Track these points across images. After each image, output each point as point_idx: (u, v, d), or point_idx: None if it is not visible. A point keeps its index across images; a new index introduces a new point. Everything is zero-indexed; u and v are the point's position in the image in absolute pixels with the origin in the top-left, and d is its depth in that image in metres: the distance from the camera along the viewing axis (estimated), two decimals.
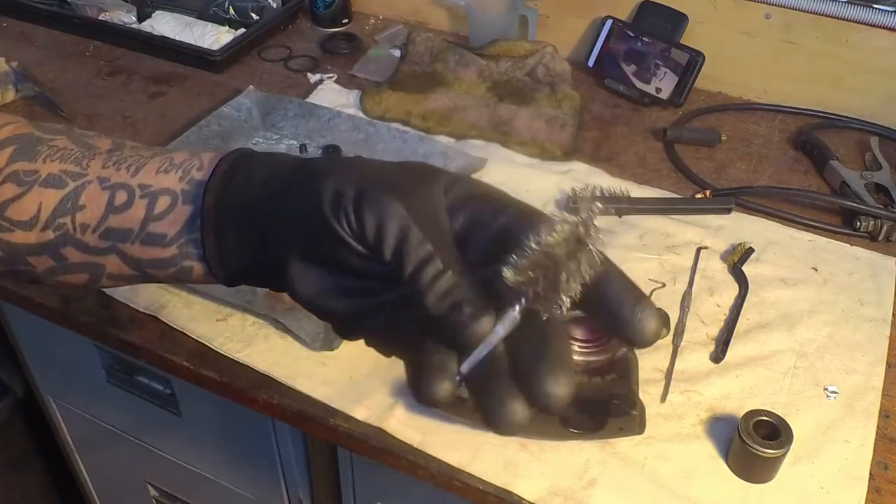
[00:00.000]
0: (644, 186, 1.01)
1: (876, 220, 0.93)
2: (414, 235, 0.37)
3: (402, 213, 0.37)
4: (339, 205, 0.38)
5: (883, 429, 0.73)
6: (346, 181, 0.39)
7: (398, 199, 0.38)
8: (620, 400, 0.66)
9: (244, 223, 0.43)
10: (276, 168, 0.44)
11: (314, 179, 0.40)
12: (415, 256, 0.37)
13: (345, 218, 0.38)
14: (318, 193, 0.39)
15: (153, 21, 1.34)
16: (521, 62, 1.20)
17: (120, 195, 0.45)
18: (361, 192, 0.38)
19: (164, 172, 0.46)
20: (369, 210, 0.38)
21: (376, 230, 0.38)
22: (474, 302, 0.37)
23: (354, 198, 0.38)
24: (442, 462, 0.70)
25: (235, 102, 1.10)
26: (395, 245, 0.37)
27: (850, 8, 1.08)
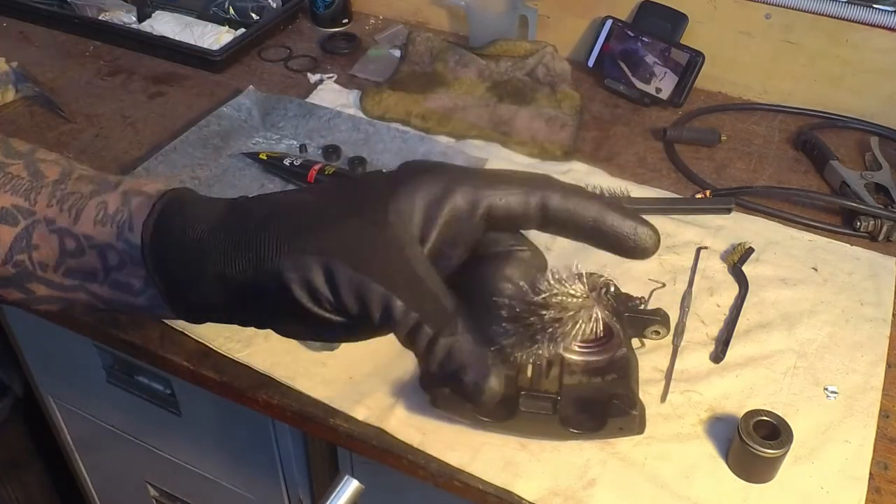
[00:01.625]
0: (644, 186, 1.01)
1: (876, 220, 0.93)
2: (397, 307, 0.36)
3: (379, 290, 0.36)
4: (314, 291, 0.37)
5: (883, 429, 0.73)
6: (305, 261, 0.37)
7: (368, 269, 0.37)
8: (620, 400, 0.66)
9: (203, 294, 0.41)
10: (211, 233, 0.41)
11: (268, 260, 0.38)
12: (403, 327, 0.37)
13: (325, 301, 0.37)
14: (284, 284, 0.38)
15: (153, 21, 1.34)
16: (521, 62, 1.20)
17: (68, 241, 0.44)
18: (330, 271, 0.37)
19: (102, 225, 0.44)
20: (343, 285, 0.37)
21: (358, 304, 0.37)
22: (476, 361, 0.37)
23: (326, 279, 0.37)
24: (442, 462, 0.70)
25: (235, 102, 1.10)
26: (381, 317, 0.37)
27: (850, 8, 1.08)
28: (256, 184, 0.99)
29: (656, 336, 0.75)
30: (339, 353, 0.78)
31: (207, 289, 0.41)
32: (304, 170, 0.97)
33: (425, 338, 0.36)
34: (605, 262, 0.91)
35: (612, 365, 0.71)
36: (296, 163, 0.98)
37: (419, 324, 0.36)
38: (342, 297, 0.37)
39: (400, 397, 0.74)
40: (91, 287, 0.44)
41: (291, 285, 0.38)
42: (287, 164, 0.98)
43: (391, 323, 0.36)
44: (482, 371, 0.36)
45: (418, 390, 0.73)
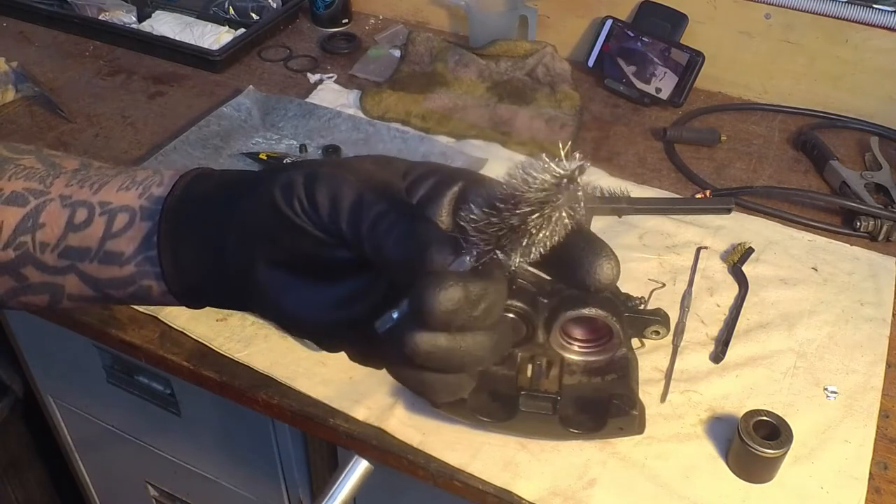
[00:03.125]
0: (644, 186, 1.01)
1: (876, 220, 0.93)
2: (367, 198, 0.36)
3: (353, 184, 0.37)
4: (291, 192, 0.37)
5: (883, 429, 0.73)
6: (296, 171, 0.38)
7: (349, 172, 0.37)
8: (620, 400, 0.66)
9: (200, 235, 0.41)
10: (230, 179, 0.43)
11: (265, 179, 0.39)
12: (368, 215, 0.36)
13: (298, 203, 0.37)
14: (270, 188, 0.38)
15: (153, 21, 1.34)
16: (521, 62, 1.20)
17: (80, 213, 0.44)
18: (311, 174, 0.38)
19: (125, 189, 0.44)
20: (320, 188, 0.37)
21: (330, 205, 0.37)
22: (437, 237, 0.35)
23: (304, 181, 0.37)
24: (442, 462, 0.70)
25: (235, 102, 1.10)
26: (350, 214, 0.36)
27: (850, 8, 1.08)
28: None
29: (656, 336, 0.75)
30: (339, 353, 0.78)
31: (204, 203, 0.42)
32: None
33: (387, 223, 0.35)
34: None
35: (612, 365, 0.71)
36: None
37: (387, 210, 0.35)
38: (315, 197, 0.37)
39: (400, 397, 0.74)
40: (81, 266, 0.44)
41: (273, 186, 0.38)
42: (287, 164, 0.98)
43: (360, 214, 0.36)
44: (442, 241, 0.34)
45: None
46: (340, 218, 0.36)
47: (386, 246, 0.35)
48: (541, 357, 0.72)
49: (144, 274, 0.43)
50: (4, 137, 1.09)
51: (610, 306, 0.69)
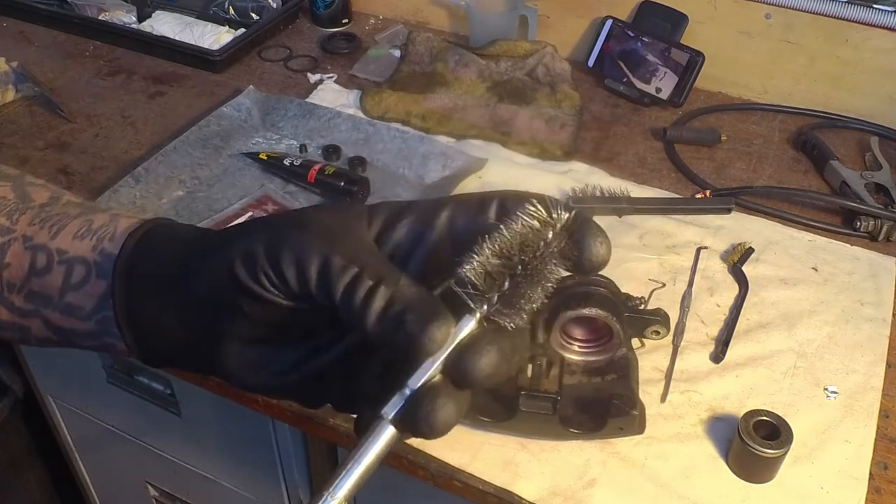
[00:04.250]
0: (644, 186, 1.01)
1: (876, 220, 0.93)
2: (335, 262, 0.34)
3: (316, 247, 0.34)
4: (254, 264, 0.35)
5: (883, 429, 0.73)
6: (253, 240, 0.36)
7: (310, 234, 0.35)
8: (620, 400, 0.66)
9: (156, 306, 0.40)
10: (184, 245, 0.41)
11: (222, 248, 0.37)
12: (341, 282, 0.34)
13: (263, 276, 0.35)
14: (229, 261, 0.36)
15: (153, 21, 1.34)
16: (521, 62, 1.20)
17: (40, 258, 0.43)
18: (271, 243, 0.35)
19: (80, 238, 0.43)
20: (284, 257, 0.35)
21: (297, 273, 0.35)
22: (420, 306, 0.33)
23: (266, 252, 0.35)
24: (442, 462, 0.70)
25: (235, 102, 1.10)
26: (318, 279, 0.34)
27: (850, 8, 1.08)
28: (256, 184, 0.99)
29: (656, 336, 0.75)
30: None
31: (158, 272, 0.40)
32: (304, 170, 0.97)
33: (363, 289, 0.33)
34: None
35: (612, 365, 0.71)
36: (296, 163, 0.98)
37: (359, 275, 0.33)
38: (281, 267, 0.35)
39: None
40: (45, 312, 0.43)
41: (234, 259, 0.36)
42: (287, 164, 0.98)
43: (329, 279, 0.34)
44: (428, 314, 0.32)
45: None
46: (310, 286, 0.34)
47: (367, 320, 0.33)
48: (541, 357, 0.72)
49: (106, 332, 0.42)
50: (4, 137, 1.09)
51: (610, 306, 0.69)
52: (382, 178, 1.00)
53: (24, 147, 1.07)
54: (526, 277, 0.33)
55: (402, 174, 1.01)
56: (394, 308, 0.33)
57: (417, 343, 0.32)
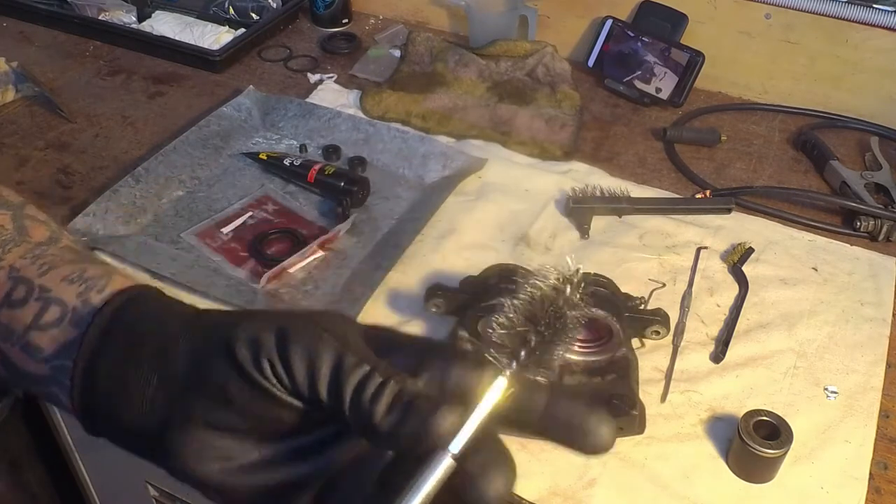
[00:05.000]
0: (644, 186, 1.01)
1: (876, 220, 0.93)
2: (348, 360, 0.33)
3: (333, 343, 0.34)
4: (259, 353, 0.34)
5: (883, 429, 0.73)
6: (262, 326, 0.34)
7: (325, 329, 0.34)
8: (620, 400, 0.66)
9: (125, 371, 0.37)
10: (176, 317, 0.38)
11: (221, 328, 0.35)
12: (353, 378, 0.33)
13: (269, 367, 0.34)
14: (230, 342, 0.34)
15: (153, 21, 1.35)
16: (521, 62, 1.20)
17: (19, 290, 0.41)
18: (282, 332, 0.34)
19: (69, 282, 0.41)
20: (295, 349, 0.33)
21: (307, 369, 0.33)
22: (429, 396, 0.33)
23: (277, 341, 0.34)
24: None
25: (235, 102, 1.10)
26: (331, 376, 0.33)
27: (850, 8, 1.08)
28: (256, 184, 0.99)
29: (656, 336, 0.75)
30: None
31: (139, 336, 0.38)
32: (304, 170, 0.97)
33: (373, 386, 0.32)
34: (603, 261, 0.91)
35: (612, 365, 0.71)
36: (296, 163, 0.98)
37: (370, 374, 0.33)
38: (290, 360, 0.33)
39: None
40: (4, 346, 0.41)
41: (237, 340, 0.34)
42: (287, 164, 0.98)
43: (342, 378, 0.33)
44: (438, 402, 0.32)
45: None
46: (320, 384, 0.33)
47: (377, 414, 0.32)
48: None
49: (55, 381, 0.40)
50: (4, 137, 1.09)
51: (610, 306, 0.69)
52: (382, 178, 1.01)
53: (24, 147, 1.07)
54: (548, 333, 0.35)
55: (402, 174, 1.01)
56: (403, 400, 0.32)
57: (430, 429, 0.31)
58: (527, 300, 0.35)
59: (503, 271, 0.72)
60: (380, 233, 0.92)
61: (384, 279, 0.85)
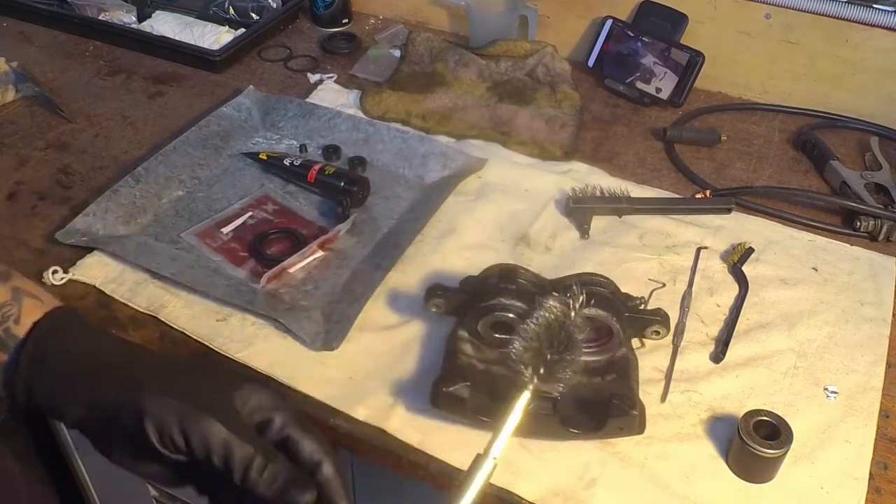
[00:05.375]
0: (644, 186, 1.01)
1: (876, 220, 0.93)
2: (236, 445, 0.48)
3: (222, 431, 0.48)
4: (164, 433, 0.48)
5: (883, 429, 0.73)
6: (165, 409, 0.48)
7: (214, 417, 0.48)
8: (620, 400, 0.66)
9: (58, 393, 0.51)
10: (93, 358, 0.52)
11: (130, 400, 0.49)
12: (241, 462, 0.48)
13: (171, 444, 0.49)
14: (140, 419, 0.48)
15: (153, 21, 1.35)
16: (521, 62, 1.20)
17: None
18: (183, 418, 0.48)
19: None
20: (194, 434, 0.48)
21: (204, 447, 0.48)
22: (296, 478, 0.49)
23: (178, 424, 0.48)
24: (442, 462, 0.70)
25: (235, 102, 1.10)
26: (223, 455, 0.48)
27: (850, 8, 1.08)
28: (256, 184, 0.99)
29: (656, 336, 0.75)
30: (339, 352, 0.78)
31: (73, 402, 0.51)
32: (304, 170, 0.97)
33: (258, 466, 0.48)
34: (603, 261, 0.91)
35: (612, 365, 0.71)
36: (296, 163, 0.98)
37: (253, 455, 0.48)
38: (190, 440, 0.48)
39: (400, 397, 0.74)
40: None
41: (145, 423, 0.48)
42: (287, 163, 0.98)
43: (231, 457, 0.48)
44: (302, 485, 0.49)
45: (418, 390, 0.73)
46: (215, 458, 0.48)
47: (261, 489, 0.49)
48: None
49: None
50: (4, 137, 1.09)
51: (610, 306, 0.69)
52: (382, 178, 1.01)
53: (24, 147, 1.07)
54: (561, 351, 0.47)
55: (402, 174, 1.01)
56: (280, 480, 0.49)
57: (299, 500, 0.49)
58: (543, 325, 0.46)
59: (503, 271, 0.72)
60: (380, 233, 0.92)
61: (384, 279, 0.85)
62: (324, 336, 0.79)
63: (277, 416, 0.52)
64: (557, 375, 0.45)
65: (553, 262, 0.89)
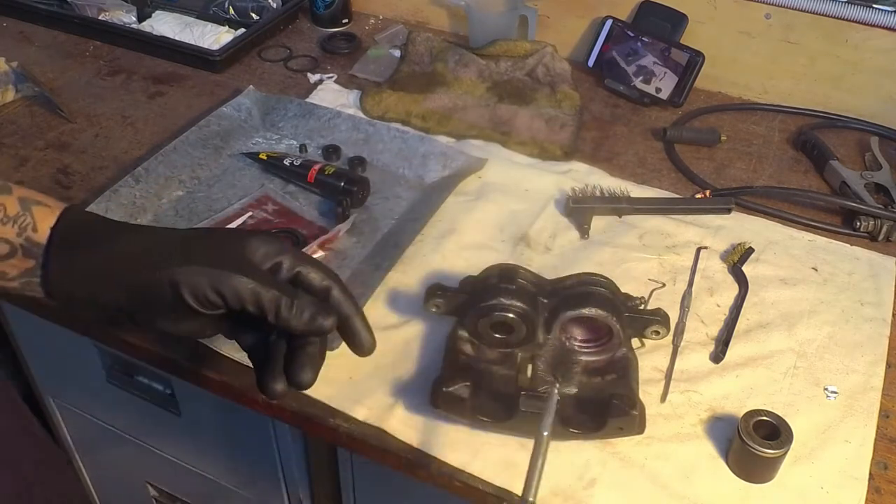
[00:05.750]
0: (644, 186, 1.01)
1: (876, 220, 0.93)
2: (263, 292, 0.55)
3: (249, 282, 0.55)
4: (199, 296, 0.55)
5: (883, 429, 0.73)
6: (197, 276, 0.55)
7: (239, 273, 0.55)
8: (620, 400, 0.66)
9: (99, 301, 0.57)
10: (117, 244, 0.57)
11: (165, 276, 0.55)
12: (272, 304, 0.56)
13: (208, 303, 0.55)
14: (177, 289, 0.55)
15: (153, 21, 1.35)
16: (521, 62, 1.20)
17: None
18: (213, 280, 0.55)
19: (2, 224, 0.56)
20: (227, 290, 0.55)
21: (237, 300, 0.55)
22: (318, 307, 0.57)
23: (210, 286, 0.55)
24: (442, 462, 0.70)
25: (235, 102, 1.10)
26: (255, 302, 0.55)
27: (850, 8, 1.08)
28: (256, 184, 0.99)
29: (656, 336, 0.75)
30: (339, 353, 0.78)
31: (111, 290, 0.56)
32: (304, 170, 0.97)
33: (286, 305, 0.56)
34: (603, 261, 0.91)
35: (612, 365, 0.71)
36: (296, 163, 0.98)
37: (279, 297, 0.56)
38: (224, 295, 0.55)
39: (400, 397, 0.74)
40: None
41: (181, 288, 0.55)
42: (287, 164, 0.98)
43: (262, 303, 0.55)
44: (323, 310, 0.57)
45: (418, 390, 0.73)
46: (248, 306, 0.56)
47: (293, 324, 0.56)
48: (541, 357, 0.72)
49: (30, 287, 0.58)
50: (4, 137, 1.09)
51: (610, 306, 0.69)
52: (382, 178, 1.01)
53: (24, 147, 1.07)
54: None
55: (402, 174, 1.01)
56: (308, 311, 0.57)
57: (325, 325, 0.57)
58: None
59: (503, 271, 0.72)
60: (380, 233, 0.92)
61: (384, 279, 0.85)
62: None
63: (284, 258, 0.59)
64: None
65: (553, 262, 0.89)
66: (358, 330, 0.61)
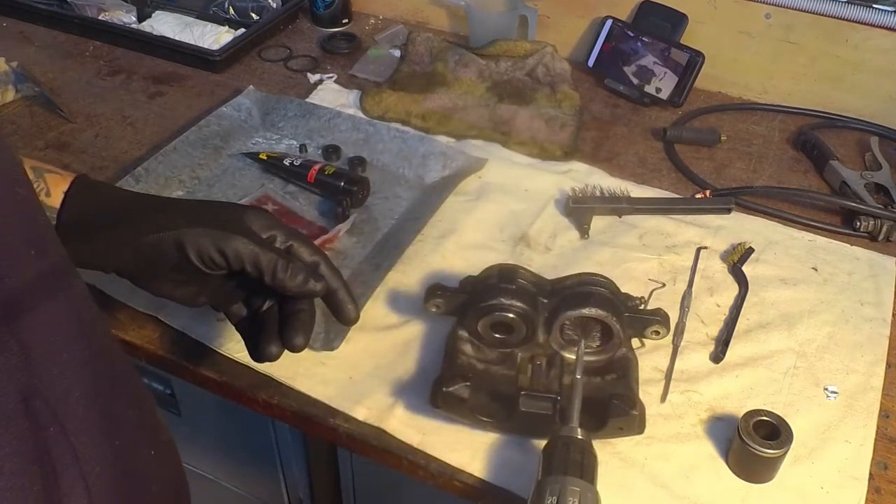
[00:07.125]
0: (644, 186, 1.01)
1: (876, 220, 0.93)
2: (261, 254, 0.60)
3: (249, 244, 0.60)
4: (204, 256, 0.60)
5: (883, 429, 0.73)
6: (202, 237, 0.60)
7: (240, 235, 0.60)
8: (620, 400, 0.66)
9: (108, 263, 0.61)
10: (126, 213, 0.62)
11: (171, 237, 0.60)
12: (269, 265, 0.60)
13: (212, 263, 0.60)
14: (180, 243, 0.59)
15: (153, 21, 1.35)
16: (521, 62, 1.20)
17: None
18: (217, 241, 0.60)
19: None
20: (229, 250, 0.60)
21: (238, 260, 0.60)
22: (310, 272, 0.62)
23: (214, 246, 0.60)
24: (442, 462, 0.70)
25: (235, 102, 1.10)
26: (254, 262, 0.60)
27: (850, 8, 1.08)
28: (256, 184, 0.99)
29: (656, 336, 0.75)
30: (339, 353, 0.78)
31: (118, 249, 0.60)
32: (304, 170, 0.97)
33: (282, 267, 0.61)
34: (603, 261, 0.91)
35: (612, 365, 0.71)
36: (296, 163, 0.98)
37: (276, 259, 0.60)
38: (227, 255, 0.60)
39: (400, 397, 0.74)
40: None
41: (188, 249, 0.59)
42: (287, 164, 0.98)
43: (261, 264, 0.60)
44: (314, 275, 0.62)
45: (418, 390, 0.73)
46: (248, 266, 0.60)
47: (290, 285, 0.61)
48: (541, 357, 0.72)
49: None
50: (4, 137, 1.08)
51: (610, 306, 0.69)
52: (382, 178, 1.01)
53: (24, 147, 1.07)
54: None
55: (402, 174, 1.01)
56: (301, 274, 0.62)
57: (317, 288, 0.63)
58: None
59: (503, 271, 0.72)
60: (380, 233, 0.92)
61: (384, 279, 0.85)
62: (324, 336, 0.79)
63: (279, 231, 0.64)
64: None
65: (553, 262, 0.89)
66: (344, 302, 0.66)
